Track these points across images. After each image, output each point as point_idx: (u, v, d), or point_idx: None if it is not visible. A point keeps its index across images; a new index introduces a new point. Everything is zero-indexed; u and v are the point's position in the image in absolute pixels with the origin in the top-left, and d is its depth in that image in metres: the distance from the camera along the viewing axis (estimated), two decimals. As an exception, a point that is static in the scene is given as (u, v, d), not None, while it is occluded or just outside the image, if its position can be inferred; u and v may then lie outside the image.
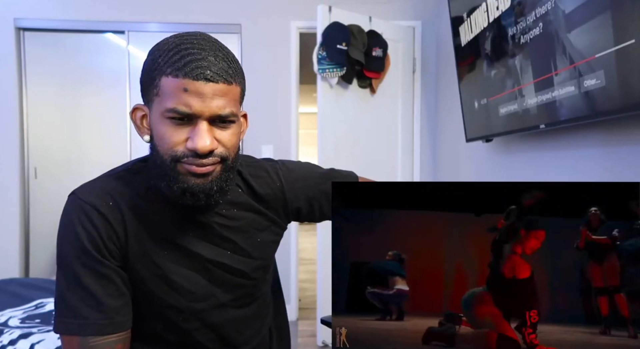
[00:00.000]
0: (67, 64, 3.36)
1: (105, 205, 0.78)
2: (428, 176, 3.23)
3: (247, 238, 0.89)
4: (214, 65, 0.71)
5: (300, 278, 3.52)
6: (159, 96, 0.72)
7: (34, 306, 1.85)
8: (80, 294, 0.75)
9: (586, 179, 1.53)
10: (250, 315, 0.94)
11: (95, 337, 0.74)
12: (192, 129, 0.72)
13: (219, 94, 0.71)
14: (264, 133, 3.19)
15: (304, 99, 7.03)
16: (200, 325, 0.86)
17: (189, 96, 0.70)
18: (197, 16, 3.16)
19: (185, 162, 0.73)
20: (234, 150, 0.78)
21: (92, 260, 0.75)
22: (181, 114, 0.71)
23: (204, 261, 0.84)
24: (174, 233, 0.81)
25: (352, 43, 2.76)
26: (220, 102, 0.72)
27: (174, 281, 0.81)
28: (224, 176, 0.77)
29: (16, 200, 3.14)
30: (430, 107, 3.23)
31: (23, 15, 3.11)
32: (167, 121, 0.72)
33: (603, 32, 1.19)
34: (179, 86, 0.70)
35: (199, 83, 0.70)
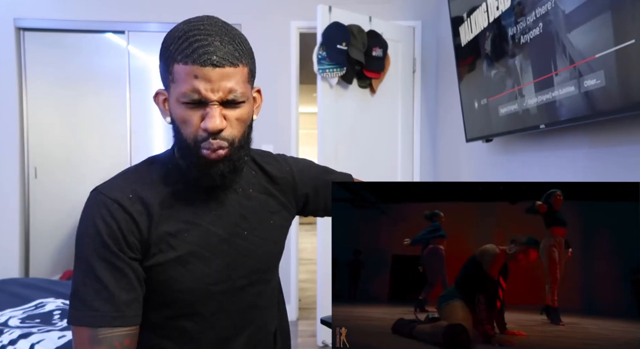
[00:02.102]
0: (67, 64, 3.36)
1: (126, 198, 0.80)
2: (428, 176, 3.23)
3: (261, 219, 0.92)
4: (219, 50, 0.75)
5: (300, 278, 3.53)
6: (174, 82, 0.77)
7: (33, 306, 1.85)
8: (94, 286, 0.77)
9: (586, 179, 1.53)
10: (264, 305, 0.96)
11: (105, 329, 0.76)
12: (204, 111, 0.77)
13: (226, 78, 0.76)
14: (264, 133, 3.19)
15: (304, 99, 7.03)
16: (216, 309, 0.87)
17: (199, 82, 0.74)
18: (197, 16, 3.16)
19: (203, 147, 0.78)
20: (244, 127, 0.83)
21: (109, 252, 0.77)
22: (192, 99, 0.76)
23: (221, 242, 0.86)
24: (194, 212, 0.85)
25: (352, 43, 2.76)
26: (229, 84, 0.76)
27: (190, 262, 0.83)
28: (235, 156, 0.82)
29: (16, 200, 3.14)
30: (430, 107, 3.23)
31: (23, 15, 3.11)
32: (182, 105, 0.77)
33: (603, 32, 1.19)
34: (189, 73, 0.74)
35: (206, 69, 0.74)
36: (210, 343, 0.88)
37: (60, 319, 1.72)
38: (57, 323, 1.68)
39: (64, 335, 1.57)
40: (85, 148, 3.51)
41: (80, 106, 3.45)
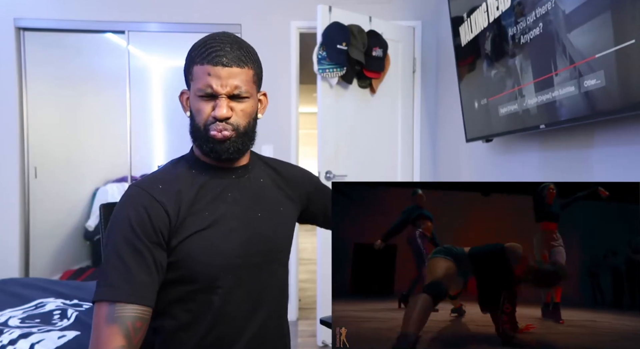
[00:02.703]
0: (67, 64, 3.36)
1: (156, 189, 0.94)
2: (428, 176, 3.23)
3: (272, 206, 1.07)
4: (229, 53, 0.93)
5: (300, 278, 3.52)
6: (193, 80, 0.95)
7: (33, 306, 1.85)
8: (117, 266, 0.87)
9: (586, 179, 1.53)
10: (280, 285, 1.08)
11: (121, 305, 0.84)
12: (215, 103, 0.94)
13: (233, 76, 0.93)
14: (264, 133, 3.17)
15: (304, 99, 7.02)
16: (235, 283, 0.97)
17: (211, 78, 0.92)
18: (197, 16, 3.16)
19: (211, 129, 0.95)
20: (248, 119, 0.99)
21: (134, 235, 0.89)
22: (206, 93, 0.93)
23: (238, 221, 0.99)
24: (214, 197, 0.99)
25: (352, 43, 2.76)
26: (235, 82, 0.93)
27: (212, 235, 0.95)
28: (239, 140, 0.98)
29: (16, 200, 3.14)
30: (430, 107, 3.23)
31: (23, 15, 3.11)
32: (199, 98, 0.95)
33: (603, 32, 1.19)
34: (204, 71, 0.93)
35: (217, 68, 0.92)
36: (229, 319, 0.97)
37: (60, 319, 1.72)
38: (57, 323, 1.68)
39: (64, 335, 1.57)
40: (85, 148, 3.51)
41: (80, 106, 3.45)
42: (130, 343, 0.83)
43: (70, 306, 1.85)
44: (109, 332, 0.83)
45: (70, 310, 1.79)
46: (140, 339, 0.86)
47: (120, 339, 0.82)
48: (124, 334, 0.83)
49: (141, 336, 0.86)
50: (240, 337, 0.98)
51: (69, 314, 1.76)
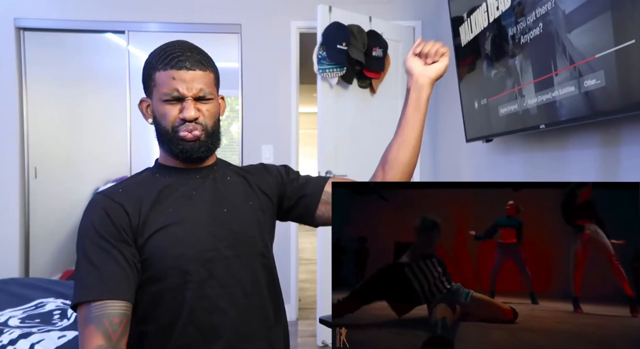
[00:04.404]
0: (67, 64, 3.36)
1: (116, 193, 0.98)
2: (428, 176, 3.23)
3: (240, 200, 1.07)
4: (191, 58, 0.97)
5: (300, 278, 3.53)
6: (156, 86, 0.98)
7: (33, 306, 1.85)
8: (87, 267, 0.90)
9: (586, 179, 1.53)
10: (257, 280, 1.04)
11: (96, 305, 0.85)
12: (181, 105, 0.97)
13: (197, 79, 0.97)
14: (264, 133, 3.20)
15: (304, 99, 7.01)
16: (207, 275, 0.97)
17: (176, 82, 0.95)
18: (197, 16, 3.16)
19: (179, 130, 0.98)
20: (213, 119, 1.02)
21: (99, 238, 0.91)
22: (173, 97, 0.96)
23: (205, 215, 1.00)
24: (178, 196, 1.01)
25: (352, 43, 2.76)
26: (199, 84, 0.97)
27: (178, 229, 0.97)
28: (207, 140, 1.01)
29: (16, 200, 3.14)
30: (430, 107, 3.21)
31: (23, 15, 3.11)
32: (164, 103, 0.97)
33: (603, 32, 1.19)
34: (168, 76, 0.95)
35: (181, 72, 0.95)
36: (206, 314, 0.96)
37: (60, 319, 1.72)
38: (57, 323, 1.68)
39: (64, 335, 1.57)
40: (85, 148, 3.51)
41: (80, 106, 3.45)
42: (109, 340, 0.83)
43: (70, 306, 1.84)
44: (87, 333, 0.84)
45: (70, 310, 1.79)
46: (122, 334, 0.86)
47: (98, 339, 0.83)
48: (102, 332, 0.84)
49: (122, 330, 0.86)
50: (221, 331, 0.97)
51: (69, 314, 1.76)
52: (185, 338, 0.96)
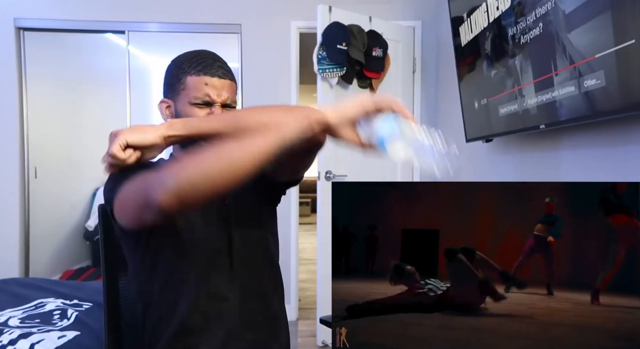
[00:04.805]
0: (67, 64, 3.36)
1: None
2: (428, 176, 3.23)
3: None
4: (222, 68, 1.05)
5: (300, 278, 3.52)
6: (185, 89, 1.03)
7: (33, 306, 1.85)
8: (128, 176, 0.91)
9: (586, 179, 1.53)
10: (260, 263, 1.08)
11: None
12: (210, 110, 1.03)
13: (226, 87, 1.04)
14: (264, 133, 3.19)
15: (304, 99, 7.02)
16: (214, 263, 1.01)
17: (208, 88, 1.02)
18: (197, 16, 3.16)
19: None
20: None
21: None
22: (204, 101, 1.02)
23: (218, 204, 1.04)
24: None
25: (352, 43, 2.76)
26: (227, 93, 1.05)
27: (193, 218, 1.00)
28: None
29: (16, 200, 3.14)
30: (430, 107, 3.23)
31: (23, 15, 3.11)
32: (192, 106, 1.03)
33: (603, 32, 1.19)
34: (201, 81, 1.02)
35: (214, 79, 1.03)
36: (208, 300, 0.99)
37: (60, 319, 1.72)
38: (57, 323, 1.68)
39: (64, 335, 1.57)
40: (85, 148, 3.51)
41: (80, 106, 3.45)
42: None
43: (70, 306, 1.84)
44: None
45: (70, 310, 1.79)
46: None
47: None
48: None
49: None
50: (223, 318, 1.01)
51: (69, 315, 1.76)
52: (188, 322, 0.98)
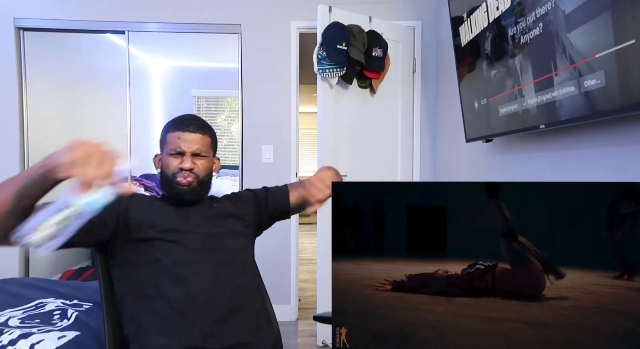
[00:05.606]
0: (67, 64, 3.36)
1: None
2: (428, 176, 3.23)
3: (223, 220, 1.36)
4: (193, 125, 1.31)
5: (300, 278, 3.53)
6: (166, 144, 1.31)
7: (33, 306, 1.85)
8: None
9: (586, 179, 1.53)
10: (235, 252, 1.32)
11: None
12: (182, 158, 1.29)
13: (196, 140, 1.30)
14: (264, 134, 3.19)
15: (304, 99, 7.02)
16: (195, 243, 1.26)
17: (180, 141, 1.29)
18: (197, 16, 3.16)
19: (177, 176, 1.29)
20: (205, 172, 1.33)
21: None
22: (177, 151, 1.29)
23: (192, 227, 1.29)
24: (167, 215, 1.29)
25: (352, 43, 2.76)
26: (197, 145, 1.30)
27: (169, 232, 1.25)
28: (198, 187, 1.32)
29: (16, 200, 3.13)
30: (430, 107, 3.23)
31: (23, 15, 3.11)
32: (169, 156, 1.30)
33: (603, 32, 1.19)
34: (175, 136, 1.29)
35: (185, 133, 1.29)
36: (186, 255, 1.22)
37: (60, 319, 1.72)
38: (57, 323, 1.68)
39: (64, 335, 1.57)
40: (85, 148, 3.50)
41: (80, 106, 3.45)
42: None
43: (70, 306, 1.84)
44: None
45: (70, 310, 1.79)
46: None
47: None
48: None
49: None
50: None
51: (69, 315, 1.75)
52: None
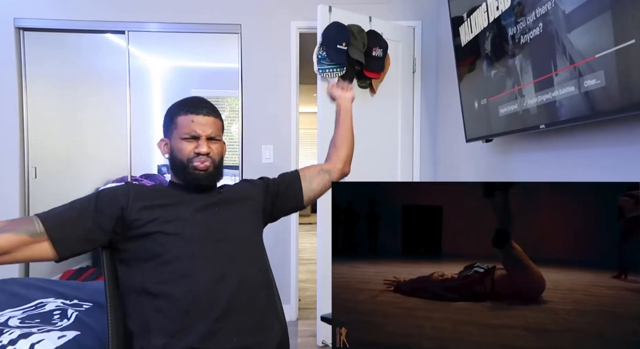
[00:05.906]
0: (67, 64, 3.36)
1: (122, 189, 1.24)
2: (428, 176, 3.23)
3: (230, 204, 1.33)
4: (207, 107, 1.28)
5: (300, 278, 3.53)
6: (177, 128, 1.27)
7: (33, 306, 1.85)
8: (65, 206, 1.16)
9: (586, 179, 1.53)
10: (243, 256, 1.26)
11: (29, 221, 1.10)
12: (197, 143, 1.26)
13: (210, 123, 1.27)
14: (264, 133, 3.19)
15: (304, 99, 7.02)
16: (199, 252, 1.20)
17: (194, 125, 1.25)
18: (197, 16, 3.16)
19: (193, 161, 1.26)
20: (219, 156, 1.32)
21: (95, 201, 1.18)
22: (191, 135, 1.25)
23: (198, 211, 1.25)
24: (174, 200, 1.26)
25: (352, 43, 2.76)
26: (211, 128, 1.28)
27: (174, 220, 1.21)
28: (214, 172, 1.30)
29: (16, 200, 3.14)
30: (430, 107, 3.23)
31: (23, 15, 3.11)
32: (182, 140, 1.26)
33: (603, 32, 1.19)
34: (188, 119, 1.25)
35: (199, 117, 1.26)
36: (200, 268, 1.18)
37: (60, 319, 1.72)
38: (57, 323, 1.68)
39: (64, 335, 1.57)
40: (85, 148, 3.51)
41: (81, 106, 3.45)
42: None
43: (70, 306, 1.84)
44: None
45: (70, 310, 1.79)
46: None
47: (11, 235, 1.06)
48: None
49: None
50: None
51: (69, 314, 1.75)
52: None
